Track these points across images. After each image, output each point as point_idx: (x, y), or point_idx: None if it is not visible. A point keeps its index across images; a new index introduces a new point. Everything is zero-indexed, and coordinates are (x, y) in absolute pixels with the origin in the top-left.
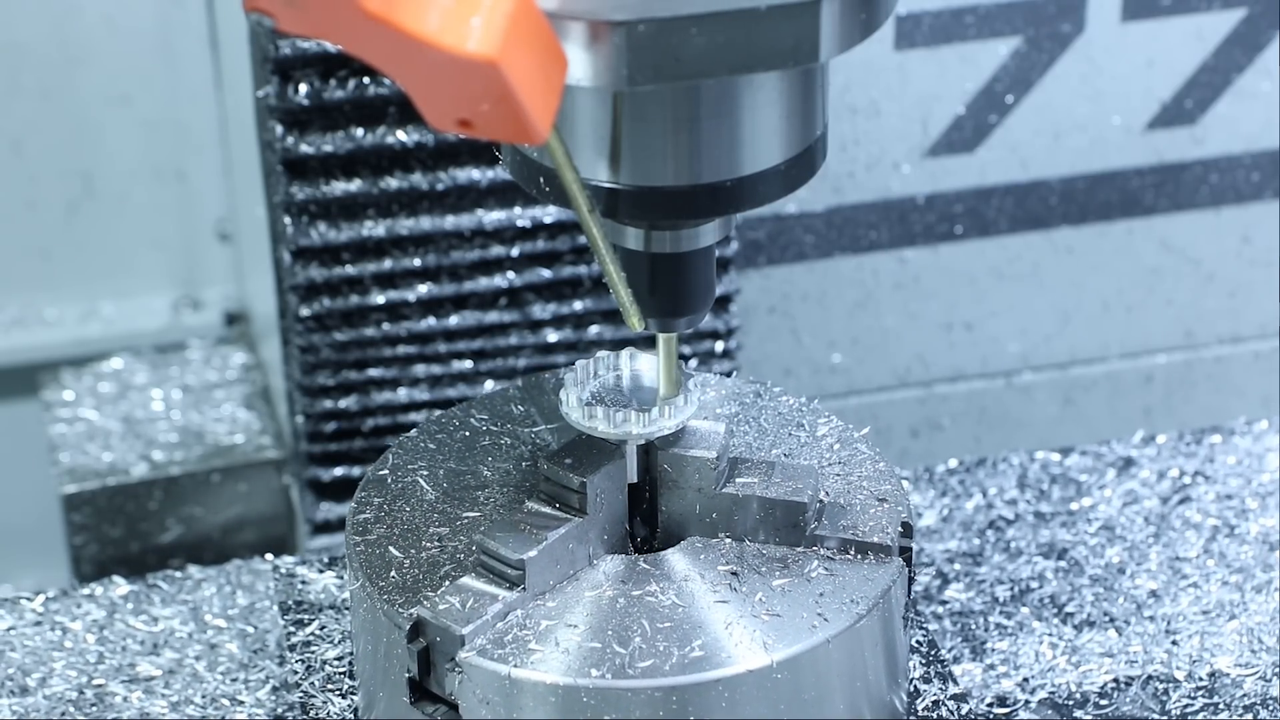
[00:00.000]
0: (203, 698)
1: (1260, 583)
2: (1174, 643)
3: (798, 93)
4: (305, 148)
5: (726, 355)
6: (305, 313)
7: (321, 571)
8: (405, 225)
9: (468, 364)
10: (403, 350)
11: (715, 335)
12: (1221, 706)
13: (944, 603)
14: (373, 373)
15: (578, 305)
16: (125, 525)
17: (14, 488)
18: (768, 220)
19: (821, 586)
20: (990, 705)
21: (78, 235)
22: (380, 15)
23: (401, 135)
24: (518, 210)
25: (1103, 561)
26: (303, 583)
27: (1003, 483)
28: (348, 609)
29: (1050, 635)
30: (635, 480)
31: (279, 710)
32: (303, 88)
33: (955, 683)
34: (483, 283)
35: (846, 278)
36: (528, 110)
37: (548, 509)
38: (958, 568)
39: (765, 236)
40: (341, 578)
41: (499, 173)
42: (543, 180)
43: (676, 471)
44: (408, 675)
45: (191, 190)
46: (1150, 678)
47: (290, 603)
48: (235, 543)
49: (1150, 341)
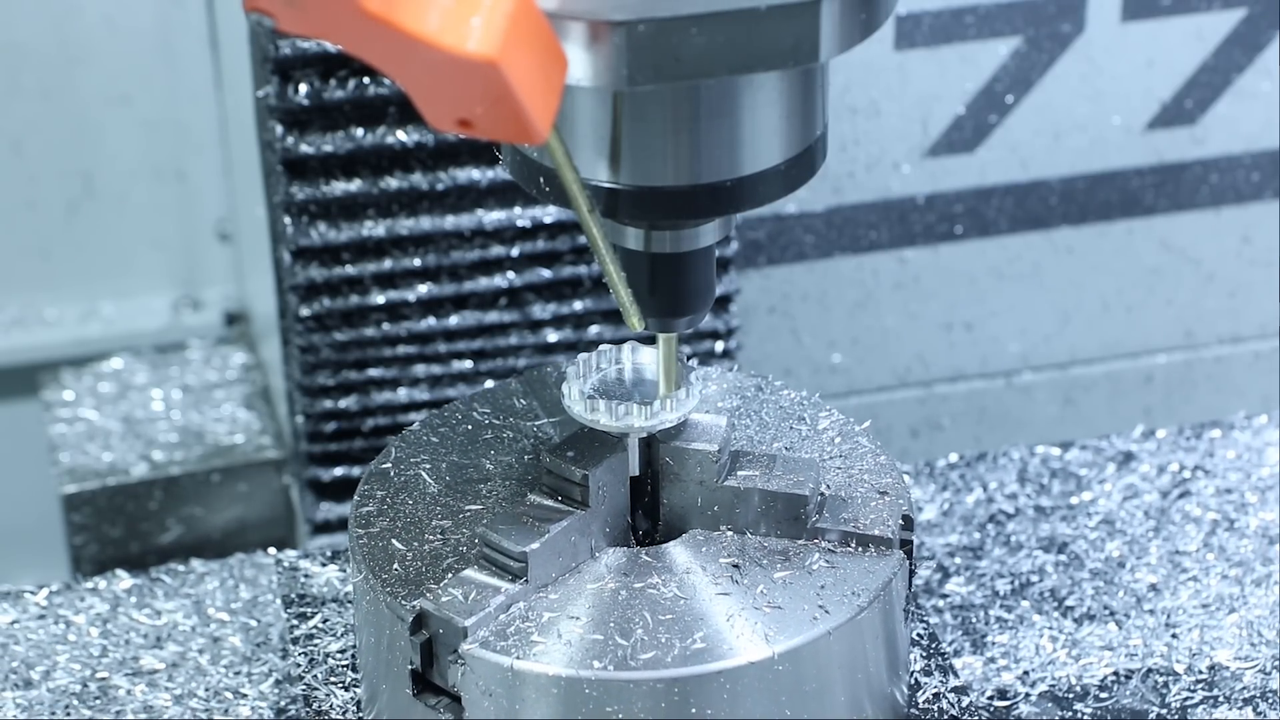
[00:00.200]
0: (206, 691)
1: (1260, 576)
2: (1174, 636)
3: (798, 93)
4: (305, 148)
5: (726, 355)
6: (305, 313)
7: (324, 565)
8: (405, 225)
9: (468, 364)
10: (403, 350)
11: (715, 335)
12: (1221, 699)
13: (945, 596)
14: (373, 373)
15: (578, 305)
16: (125, 525)
17: (14, 488)
18: (768, 220)
19: (823, 579)
20: (991, 698)
21: (78, 235)
22: (380, 15)
23: (401, 135)
24: (518, 210)
25: (1103, 555)
26: (305, 576)
27: (1003, 477)
28: (350, 602)
29: (1050, 629)
30: (637, 473)
31: (282, 703)
32: (303, 88)
33: (956, 675)
34: (483, 283)
35: (846, 278)
36: (528, 110)
37: (550, 502)
38: (958, 561)
39: (765, 236)
40: (344, 571)
41: (499, 173)
42: (543, 180)
43: (678, 464)
44: (410, 667)
45: (191, 190)
46: (1150, 671)
47: (293, 596)
48: (235, 543)
49: (1150, 341)
